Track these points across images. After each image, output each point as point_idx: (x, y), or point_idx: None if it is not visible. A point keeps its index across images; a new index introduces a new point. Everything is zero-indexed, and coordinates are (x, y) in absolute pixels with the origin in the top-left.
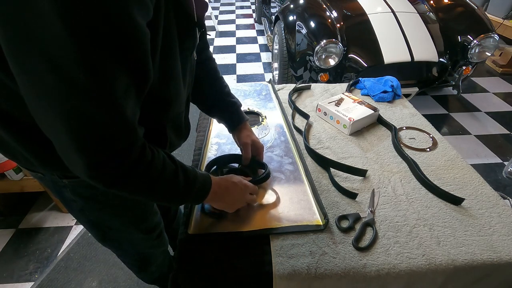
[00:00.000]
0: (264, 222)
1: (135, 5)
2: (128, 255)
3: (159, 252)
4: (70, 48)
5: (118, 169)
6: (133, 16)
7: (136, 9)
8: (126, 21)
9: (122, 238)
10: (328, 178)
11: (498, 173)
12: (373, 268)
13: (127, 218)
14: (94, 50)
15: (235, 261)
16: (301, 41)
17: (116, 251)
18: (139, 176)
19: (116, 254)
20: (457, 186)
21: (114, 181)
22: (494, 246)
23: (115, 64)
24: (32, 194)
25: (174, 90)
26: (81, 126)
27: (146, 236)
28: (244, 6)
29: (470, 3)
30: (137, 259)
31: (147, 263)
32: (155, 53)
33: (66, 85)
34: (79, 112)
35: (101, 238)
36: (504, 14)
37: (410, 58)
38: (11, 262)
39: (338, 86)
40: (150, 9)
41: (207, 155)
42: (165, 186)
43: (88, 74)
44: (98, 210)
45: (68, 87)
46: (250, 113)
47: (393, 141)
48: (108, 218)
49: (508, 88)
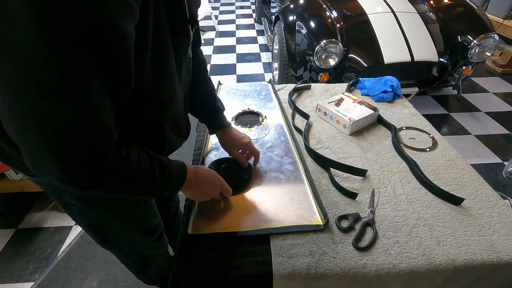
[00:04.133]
0: (264, 222)
1: (115, 5)
2: (128, 257)
3: (159, 254)
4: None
5: (93, 171)
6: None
7: (117, 9)
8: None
9: (122, 240)
10: (328, 178)
11: (498, 173)
12: (373, 268)
13: (126, 220)
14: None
15: (235, 261)
16: (301, 41)
17: (115, 252)
18: (115, 176)
19: (116, 255)
20: (457, 186)
21: (90, 183)
22: (494, 246)
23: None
24: (32, 194)
25: (168, 90)
26: (54, 129)
27: (146, 239)
28: (244, 6)
29: (470, 3)
30: (136, 260)
31: (147, 265)
32: (144, 54)
33: (36, 86)
34: (51, 115)
35: (101, 240)
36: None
37: (410, 58)
38: (11, 262)
39: (338, 86)
40: (134, 9)
41: (207, 155)
42: (142, 181)
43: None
44: (97, 213)
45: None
46: (250, 113)
47: (393, 141)
48: (108, 221)
49: (508, 88)
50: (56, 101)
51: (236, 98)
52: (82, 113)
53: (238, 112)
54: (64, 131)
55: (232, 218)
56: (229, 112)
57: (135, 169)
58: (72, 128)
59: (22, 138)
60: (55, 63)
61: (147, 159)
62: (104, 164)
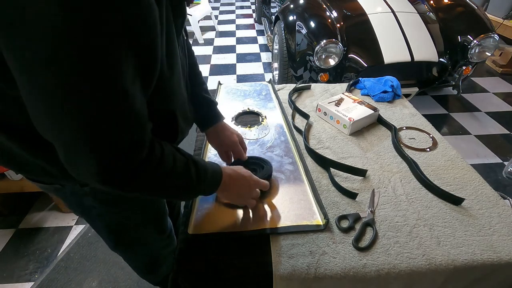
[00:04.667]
0: (264, 222)
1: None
2: (140, 259)
3: (168, 252)
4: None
5: (130, 167)
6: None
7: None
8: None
9: (137, 241)
10: (328, 178)
11: (498, 173)
12: (373, 268)
13: (144, 219)
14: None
15: (235, 261)
16: (301, 41)
17: (126, 255)
18: (152, 173)
19: (127, 259)
20: (457, 186)
21: (127, 181)
22: (494, 246)
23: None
24: (32, 194)
25: (177, 76)
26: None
27: (160, 236)
28: (244, 6)
29: (470, 3)
30: (147, 262)
31: (157, 265)
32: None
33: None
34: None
35: (116, 243)
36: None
37: (410, 58)
38: (11, 262)
39: (338, 86)
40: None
41: (207, 155)
42: (178, 180)
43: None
44: (117, 213)
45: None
46: (250, 113)
47: (393, 141)
48: (127, 220)
49: (508, 88)
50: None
51: (236, 98)
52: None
53: (238, 112)
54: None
55: (232, 218)
56: (229, 112)
57: (171, 167)
58: (109, 120)
59: (56, 133)
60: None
61: (182, 158)
62: (140, 160)
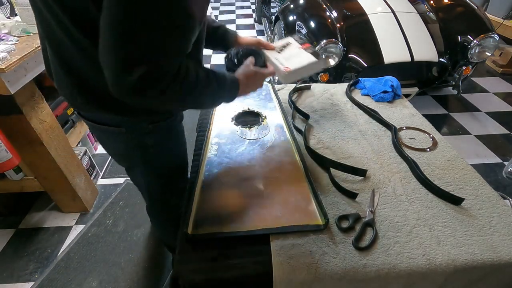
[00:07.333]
0: (264, 222)
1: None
2: (159, 173)
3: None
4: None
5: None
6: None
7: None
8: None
9: (170, 152)
10: (328, 178)
11: (498, 173)
12: (373, 268)
13: (180, 138)
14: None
15: (235, 261)
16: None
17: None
18: (182, 85)
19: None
20: (457, 186)
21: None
22: (494, 246)
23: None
24: (32, 194)
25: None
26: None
27: (184, 154)
28: (244, 6)
29: (470, 3)
30: (164, 179)
31: (171, 186)
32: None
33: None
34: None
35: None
36: (504, 14)
37: (410, 58)
38: (11, 262)
39: (338, 86)
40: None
41: (207, 155)
42: (205, 88)
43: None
44: (168, 149)
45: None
46: (250, 113)
47: (393, 141)
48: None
49: (508, 88)
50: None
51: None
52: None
53: (238, 112)
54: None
55: (232, 218)
56: (229, 112)
57: (195, 78)
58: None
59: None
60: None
61: (203, 70)
62: (173, 73)
